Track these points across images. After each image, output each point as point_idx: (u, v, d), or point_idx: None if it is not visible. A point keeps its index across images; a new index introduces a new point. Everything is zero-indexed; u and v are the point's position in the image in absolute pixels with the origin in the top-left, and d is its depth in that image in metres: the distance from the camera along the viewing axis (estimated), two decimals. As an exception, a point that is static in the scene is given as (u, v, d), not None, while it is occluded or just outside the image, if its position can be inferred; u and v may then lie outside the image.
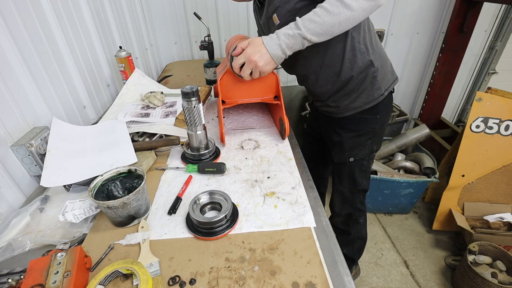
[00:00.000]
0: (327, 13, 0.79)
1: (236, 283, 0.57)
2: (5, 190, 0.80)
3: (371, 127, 1.14)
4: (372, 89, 1.04)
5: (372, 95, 1.05)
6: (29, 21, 0.94)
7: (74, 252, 0.58)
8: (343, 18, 0.80)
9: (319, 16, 0.80)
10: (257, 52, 0.86)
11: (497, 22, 2.35)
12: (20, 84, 0.89)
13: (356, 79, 1.01)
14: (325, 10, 0.80)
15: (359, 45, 0.96)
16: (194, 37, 2.14)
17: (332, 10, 0.79)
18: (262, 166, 0.91)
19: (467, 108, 2.78)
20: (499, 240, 1.62)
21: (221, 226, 0.68)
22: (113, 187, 0.75)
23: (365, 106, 1.07)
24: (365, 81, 1.02)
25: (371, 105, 1.07)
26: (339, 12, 0.79)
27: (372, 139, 1.18)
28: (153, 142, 0.98)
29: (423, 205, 2.20)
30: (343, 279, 0.58)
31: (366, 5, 0.79)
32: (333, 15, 0.79)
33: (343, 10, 0.79)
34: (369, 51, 0.99)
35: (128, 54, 1.37)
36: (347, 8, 0.79)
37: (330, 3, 0.80)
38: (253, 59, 0.86)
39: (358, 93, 1.05)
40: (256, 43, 0.87)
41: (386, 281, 1.69)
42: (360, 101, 1.06)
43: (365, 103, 1.07)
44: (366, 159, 1.23)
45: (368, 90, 1.04)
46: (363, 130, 1.15)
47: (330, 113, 1.16)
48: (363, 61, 0.99)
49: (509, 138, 1.60)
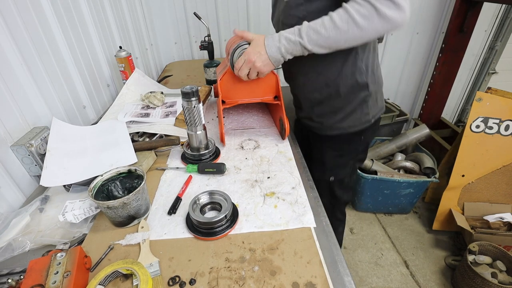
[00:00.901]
0: (335, 27, 0.75)
1: (236, 283, 0.57)
2: (5, 190, 0.80)
3: (354, 148, 1.10)
4: (360, 113, 1.00)
5: (359, 120, 1.01)
6: (29, 21, 0.93)
7: (74, 252, 0.58)
8: (351, 37, 0.76)
9: (325, 29, 0.76)
10: (257, 52, 0.85)
11: (497, 22, 2.35)
12: (20, 84, 0.89)
13: (346, 98, 0.97)
14: (333, 23, 0.75)
15: (361, 63, 0.93)
16: (194, 37, 2.14)
17: (340, 25, 0.74)
18: (262, 166, 0.91)
19: (467, 108, 2.78)
20: (499, 240, 1.62)
21: (221, 226, 0.68)
22: (113, 187, 0.75)
23: (350, 129, 1.03)
24: (353, 102, 0.98)
25: (357, 129, 1.03)
26: (348, 29, 0.74)
27: (355, 159, 1.15)
28: (153, 142, 0.98)
29: (423, 205, 2.20)
30: (343, 279, 0.58)
31: (380, 26, 0.74)
32: (340, 31, 0.75)
33: (352, 28, 0.74)
34: (368, 73, 0.95)
35: (128, 54, 1.37)
36: (357, 27, 0.74)
37: (340, 17, 0.74)
38: (252, 59, 0.85)
39: (345, 114, 1.00)
40: (257, 43, 0.86)
41: (386, 281, 1.69)
42: (346, 123, 1.02)
43: (351, 126, 1.02)
44: (347, 177, 1.19)
45: (356, 113, 1.00)
46: (346, 150, 1.11)
47: (313, 129, 1.11)
48: (359, 81, 0.95)
49: (509, 138, 1.60)
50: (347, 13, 0.74)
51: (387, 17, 0.72)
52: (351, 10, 0.73)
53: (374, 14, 0.72)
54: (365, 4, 0.72)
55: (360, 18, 0.73)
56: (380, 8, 0.71)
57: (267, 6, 2.07)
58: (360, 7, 0.73)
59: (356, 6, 0.73)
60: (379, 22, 0.73)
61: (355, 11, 0.73)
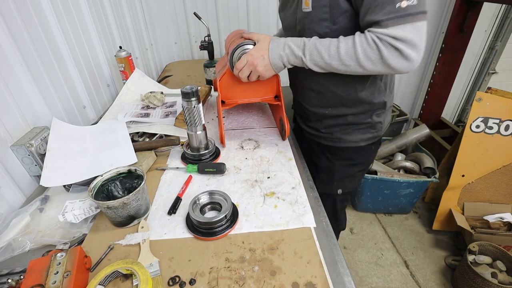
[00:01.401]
0: (338, 58, 0.73)
1: (236, 283, 0.57)
2: (5, 190, 0.80)
3: (366, 158, 1.07)
4: (373, 129, 0.98)
5: (372, 134, 0.99)
6: (29, 21, 0.93)
7: (74, 252, 0.58)
8: (351, 70, 0.75)
9: (329, 55, 0.74)
10: (260, 56, 0.82)
11: (497, 22, 2.35)
12: (20, 84, 0.89)
13: (360, 115, 0.94)
14: (338, 53, 0.73)
15: (380, 82, 0.89)
16: (194, 37, 2.14)
17: (344, 58, 0.73)
18: (262, 166, 0.91)
19: (467, 108, 2.78)
20: (499, 240, 1.62)
21: (221, 226, 0.68)
22: (113, 187, 0.75)
23: (360, 143, 1.00)
24: (368, 120, 0.95)
25: (368, 143, 1.01)
26: (349, 65, 0.74)
27: (363, 171, 1.11)
28: (153, 142, 0.98)
29: (423, 205, 2.20)
30: (343, 279, 0.58)
31: (383, 71, 0.73)
32: (342, 63, 0.74)
33: (354, 65, 0.73)
34: (387, 92, 0.92)
35: (128, 54, 1.37)
36: (359, 66, 0.73)
37: (346, 50, 0.72)
38: (255, 62, 0.83)
39: (357, 129, 0.97)
40: (262, 46, 0.83)
41: (386, 281, 1.69)
42: (358, 137, 0.99)
43: (363, 139, 0.99)
44: (352, 193, 1.16)
45: (369, 128, 0.98)
46: (357, 160, 1.05)
47: (319, 139, 1.06)
48: (377, 101, 0.92)
49: (509, 138, 1.60)
50: (354, 48, 0.72)
51: (391, 66, 0.70)
52: (359, 48, 0.71)
53: (379, 61, 0.70)
54: (373, 46, 0.70)
55: (364, 59, 0.71)
56: (386, 57, 0.69)
57: (267, 6, 2.07)
58: (369, 47, 0.70)
59: (365, 45, 0.70)
60: (383, 68, 0.72)
61: (362, 50, 0.71)
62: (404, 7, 0.64)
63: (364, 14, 0.71)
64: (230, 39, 1.03)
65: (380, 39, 0.68)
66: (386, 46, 0.68)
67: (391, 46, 0.68)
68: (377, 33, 0.69)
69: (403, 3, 0.64)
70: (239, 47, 0.89)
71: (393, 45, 0.67)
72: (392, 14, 0.66)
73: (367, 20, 0.71)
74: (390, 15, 0.66)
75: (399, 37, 0.67)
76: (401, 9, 0.65)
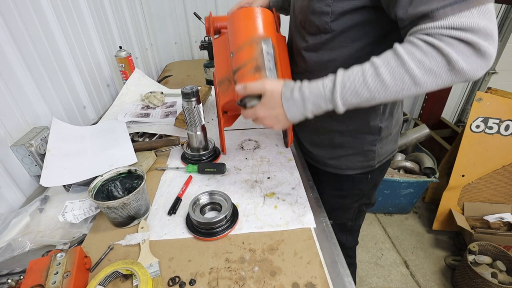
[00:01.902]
0: (383, 86, 0.52)
1: (236, 284, 0.57)
2: (5, 190, 0.80)
3: (358, 189, 0.92)
4: (362, 157, 0.85)
5: (361, 163, 0.86)
6: (29, 21, 0.93)
7: (73, 253, 0.58)
8: (405, 95, 0.53)
9: (369, 90, 0.53)
10: (274, 117, 0.63)
11: (497, 22, 2.35)
12: (20, 84, 0.89)
13: (348, 137, 0.82)
14: (381, 82, 0.52)
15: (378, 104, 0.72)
16: (194, 37, 2.14)
17: (391, 86, 0.52)
18: (262, 167, 0.91)
19: (467, 108, 2.78)
20: (499, 240, 1.62)
21: (221, 227, 0.68)
22: (113, 188, 0.75)
23: (347, 171, 0.88)
24: (356, 144, 0.82)
25: (358, 172, 0.87)
26: (402, 88, 0.52)
27: (360, 201, 0.97)
28: (153, 142, 0.98)
29: (423, 205, 2.20)
30: (343, 280, 0.58)
31: (449, 80, 0.50)
32: (391, 93, 0.53)
33: (408, 86, 0.51)
34: (385, 115, 0.78)
35: (128, 54, 1.37)
36: (415, 85, 0.51)
37: (392, 71, 0.51)
38: (269, 123, 0.65)
39: (343, 154, 0.85)
40: (272, 103, 0.62)
41: (386, 281, 1.69)
42: (343, 163, 0.86)
43: (349, 167, 0.87)
44: (350, 220, 1.02)
45: (357, 156, 0.85)
46: (348, 191, 0.93)
47: (306, 156, 0.95)
48: (370, 124, 0.78)
49: (509, 138, 1.60)
50: (402, 65, 0.50)
51: (463, 71, 0.47)
52: (410, 62, 0.50)
53: (445, 68, 0.48)
54: (432, 52, 0.48)
55: (423, 74, 0.49)
56: (456, 60, 0.47)
57: (267, 6, 2.06)
58: (425, 56, 0.49)
59: (418, 54, 0.49)
60: (448, 77, 0.49)
61: (416, 62, 0.49)
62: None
63: (406, 6, 0.51)
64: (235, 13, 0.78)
65: (440, 39, 0.48)
66: (451, 44, 0.47)
67: (459, 41, 0.46)
68: (429, 31, 0.49)
69: None
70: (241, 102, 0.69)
71: (462, 40, 0.46)
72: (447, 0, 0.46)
73: (412, 13, 0.51)
74: (445, 1, 0.46)
75: (467, 27, 0.46)
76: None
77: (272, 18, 0.74)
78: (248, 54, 0.68)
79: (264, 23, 0.71)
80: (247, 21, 0.71)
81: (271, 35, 0.71)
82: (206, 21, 0.87)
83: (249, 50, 0.68)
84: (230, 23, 0.74)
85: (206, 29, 0.88)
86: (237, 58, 0.70)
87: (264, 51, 0.67)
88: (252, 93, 0.64)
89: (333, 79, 0.57)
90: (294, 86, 0.61)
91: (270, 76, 0.66)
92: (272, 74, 0.67)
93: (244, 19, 0.72)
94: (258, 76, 0.66)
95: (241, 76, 0.68)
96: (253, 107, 0.66)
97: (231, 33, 0.74)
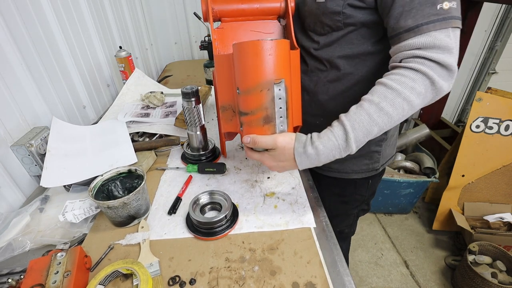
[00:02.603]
0: (389, 118, 0.58)
1: (236, 283, 0.57)
2: (5, 190, 0.80)
3: (359, 194, 0.94)
4: (369, 160, 0.86)
5: (367, 166, 0.87)
6: (29, 21, 0.94)
7: (74, 252, 0.58)
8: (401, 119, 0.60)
9: (378, 125, 0.58)
10: (281, 167, 0.65)
11: (497, 22, 2.35)
12: (20, 84, 0.89)
13: None
14: (386, 114, 0.57)
15: None
16: (194, 37, 2.14)
17: (395, 115, 0.58)
18: (262, 167, 0.91)
19: (467, 108, 2.78)
20: (499, 240, 1.62)
21: (221, 226, 0.68)
22: (113, 187, 0.75)
23: (352, 175, 0.89)
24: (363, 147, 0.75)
25: (362, 176, 0.89)
26: (403, 114, 0.58)
27: (360, 207, 0.99)
28: (153, 142, 0.98)
29: (423, 205, 2.20)
30: (343, 279, 0.58)
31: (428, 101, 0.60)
32: (393, 120, 0.58)
33: (407, 110, 0.58)
34: None
35: (128, 54, 1.37)
36: (410, 108, 0.58)
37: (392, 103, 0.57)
38: (274, 170, 0.66)
39: (350, 158, 0.80)
40: (282, 157, 0.62)
41: (386, 281, 1.69)
42: (349, 167, 0.87)
43: (355, 171, 0.87)
44: (349, 226, 1.04)
45: (363, 159, 0.86)
46: (350, 196, 0.94)
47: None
48: None
49: (509, 138, 1.60)
50: (399, 95, 0.56)
51: (441, 89, 0.57)
52: (404, 91, 0.56)
53: (430, 88, 0.57)
54: (419, 77, 0.56)
55: (415, 97, 0.57)
56: (438, 80, 0.56)
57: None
58: (414, 82, 0.56)
59: (408, 82, 0.56)
60: (431, 95, 0.58)
61: (409, 89, 0.56)
62: (446, 8, 0.55)
63: (396, 18, 0.59)
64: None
65: (422, 63, 0.56)
66: (432, 68, 0.56)
67: (436, 64, 0.56)
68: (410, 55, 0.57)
69: (445, 4, 0.54)
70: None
71: (438, 62, 0.56)
72: (433, 16, 0.55)
73: (400, 26, 0.58)
74: (431, 18, 0.55)
75: (444, 46, 0.55)
76: (444, 11, 0.55)
77: (287, 48, 0.63)
78: (257, 101, 0.61)
79: (277, 61, 0.60)
80: (256, 61, 0.59)
81: (285, 73, 0.61)
82: (203, 3, 0.74)
83: (259, 97, 0.61)
84: (237, 56, 0.62)
85: (203, 14, 0.75)
86: (244, 101, 0.63)
87: (275, 98, 0.60)
88: (262, 147, 0.63)
89: (342, 127, 0.59)
90: (306, 141, 0.61)
91: (281, 125, 0.63)
92: (282, 122, 0.63)
93: (253, 57, 0.59)
94: (267, 128, 0.62)
95: (249, 123, 0.63)
96: (259, 153, 0.65)
97: (237, 67, 0.62)
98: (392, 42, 0.63)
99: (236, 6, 0.74)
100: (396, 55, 0.61)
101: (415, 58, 0.57)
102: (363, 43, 0.71)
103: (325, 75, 0.77)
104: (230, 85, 0.66)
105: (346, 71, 0.74)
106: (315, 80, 0.80)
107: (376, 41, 0.70)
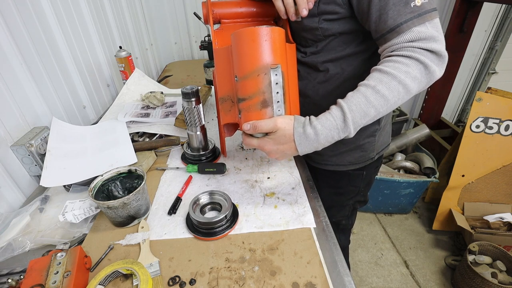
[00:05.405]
0: (385, 101, 0.60)
1: (236, 283, 0.57)
2: (5, 190, 0.80)
3: (354, 185, 0.97)
4: (364, 150, 0.89)
5: (362, 157, 0.90)
6: (29, 21, 0.93)
7: (74, 252, 0.58)
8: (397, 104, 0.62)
9: (375, 108, 0.60)
10: (280, 151, 0.65)
11: (497, 22, 2.35)
12: (20, 84, 0.89)
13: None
14: (382, 97, 0.60)
15: None
16: (194, 37, 2.14)
17: (390, 97, 0.60)
18: (262, 167, 0.91)
19: (467, 108, 2.78)
20: (499, 240, 1.62)
21: (221, 227, 0.68)
22: (113, 187, 0.75)
23: (349, 166, 0.92)
24: (359, 137, 0.85)
25: (357, 166, 0.92)
26: (398, 98, 0.61)
27: (355, 198, 1.01)
28: (153, 142, 0.98)
29: (423, 205, 2.20)
30: (343, 279, 0.58)
31: (424, 86, 0.62)
32: (390, 104, 0.61)
33: (403, 95, 0.61)
34: None
35: (128, 54, 1.37)
36: (406, 92, 0.61)
37: (388, 86, 0.59)
38: (273, 156, 0.67)
39: (346, 150, 0.88)
40: (282, 139, 0.63)
41: (386, 281, 1.69)
42: (346, 159, 0.90)
43: (352, 162, 0.91)
44: (345, 219, 1.07)
45: (359, 149, 0.88)
46: (345, 188, 0.98)
47: (307, 158, 0.95)
48: None
49: (509, 138, 1.60)
50: (394, 79, 0.59)
51: (434, 73, 0.60)
52: (399, 74, 0.59)
53: (423, 73, 0.60)
54: (412, 63, 0.59)
55: (410, 81, 0.60)
56: (430, 65, 0.59)
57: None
58: (408, 67, 0.59)
59: (402, 67, 0.59)
60: (426, 80, 0.61)
61: (404, 74, 0.59)
62: (419, 5, 0.59)
63: (376, 22, 0.63)
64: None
65: (413, 51, 0.60)
66: (423, 54, 0.59)
67: (426, 51, 0.59)
68: (402, 45, 0.61)
69: (417, 1, 0.59)
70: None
71: (427, 49, 0.59)
72: (409, 14, 0.59)
73: (381, 28, 0.62)
74: (408, 16, 0.59)
75: (427, 36, 0.59)
76: (417, 8, 0.59)
77: (283, 37, 0.65)
78: (254, 86, 0.63)
79: (273, 47, 0.62)
80: (253, 46, 0.62)
81: (281, 60, 0.64)
82: (204, 7, 0.78)
83: (256, 82, 0.62)
84: (235, 44, 0.64)
85: (204, 17, 0.79)
86: (242, 87, 0.64)
87: (272, 82, 0.62)
88: (263, 131, 0.63)
89: (339, 108, 0.61)
90: (305, 121, 0.63)
91: (278, 109, 0.64)
92: (280, 107, 0.64)
93: (250, 43, 0.62)
94: (265, 112, 0.63)
95: (247, 109, 0.64)
96: (258, 138, 0.66)
97: (235, 54, 0.65)
98: (378, 43, 0.66)
99: (235, 9, 0.81)
100: (386, 50, 0.64)
101: (406, 48, 0.61)
102: (346, 48, 0.75)
103: (314, 77, 0.82)
104: (228, 75, 0.69)
105: (333, 72, 0.79)
106: (305, 83, 0.84)
107: (359, 43, 0.74)
